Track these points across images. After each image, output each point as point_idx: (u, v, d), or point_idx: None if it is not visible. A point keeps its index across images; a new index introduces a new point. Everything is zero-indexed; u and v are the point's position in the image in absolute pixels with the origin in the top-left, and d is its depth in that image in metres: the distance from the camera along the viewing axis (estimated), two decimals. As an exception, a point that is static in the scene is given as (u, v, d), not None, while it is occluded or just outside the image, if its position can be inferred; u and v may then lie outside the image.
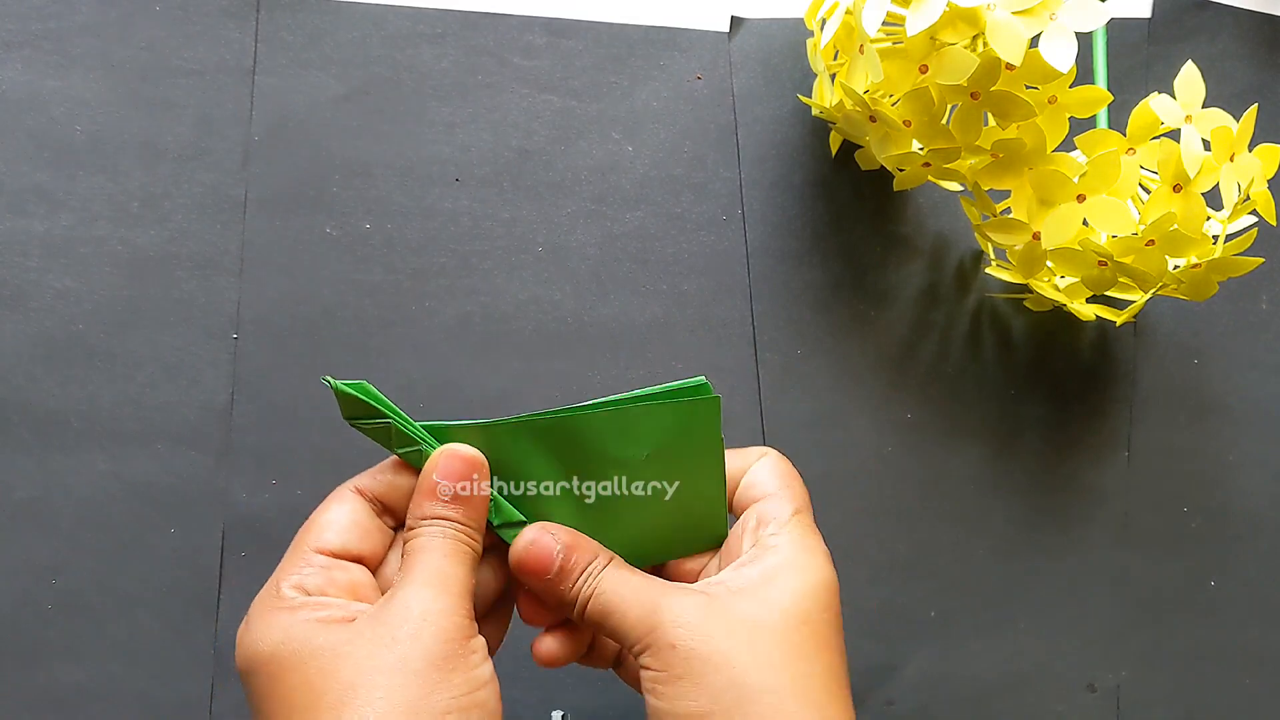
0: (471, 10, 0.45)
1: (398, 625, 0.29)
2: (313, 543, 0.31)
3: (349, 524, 0.31)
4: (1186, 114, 0.38)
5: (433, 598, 0.29)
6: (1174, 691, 0.45)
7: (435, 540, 0.31)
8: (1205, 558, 0.46)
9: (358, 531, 0.32)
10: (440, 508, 0.31)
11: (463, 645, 0.29)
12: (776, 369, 0.44)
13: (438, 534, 0.31)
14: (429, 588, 0.30)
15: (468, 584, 0.31)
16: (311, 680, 0.28)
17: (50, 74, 0.42)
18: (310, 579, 0.30)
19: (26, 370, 0.40)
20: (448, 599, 0.29)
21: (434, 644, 0.28)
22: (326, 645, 0.28)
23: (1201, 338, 0.47)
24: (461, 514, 0.31)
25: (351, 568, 0.31)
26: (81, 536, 0.40)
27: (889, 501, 0.44)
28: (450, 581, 0.30)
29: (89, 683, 0.39)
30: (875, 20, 0.37)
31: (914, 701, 0.43)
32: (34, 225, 0.41)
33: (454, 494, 0.31)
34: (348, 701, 0.27)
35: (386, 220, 0.43)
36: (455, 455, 0.31)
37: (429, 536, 0.31)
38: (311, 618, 0.29)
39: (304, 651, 0.29)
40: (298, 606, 0.30)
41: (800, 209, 0.46)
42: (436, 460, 0.31)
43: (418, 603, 0.29)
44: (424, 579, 0.30)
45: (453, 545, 0.31)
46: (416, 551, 0.31)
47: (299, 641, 0.29)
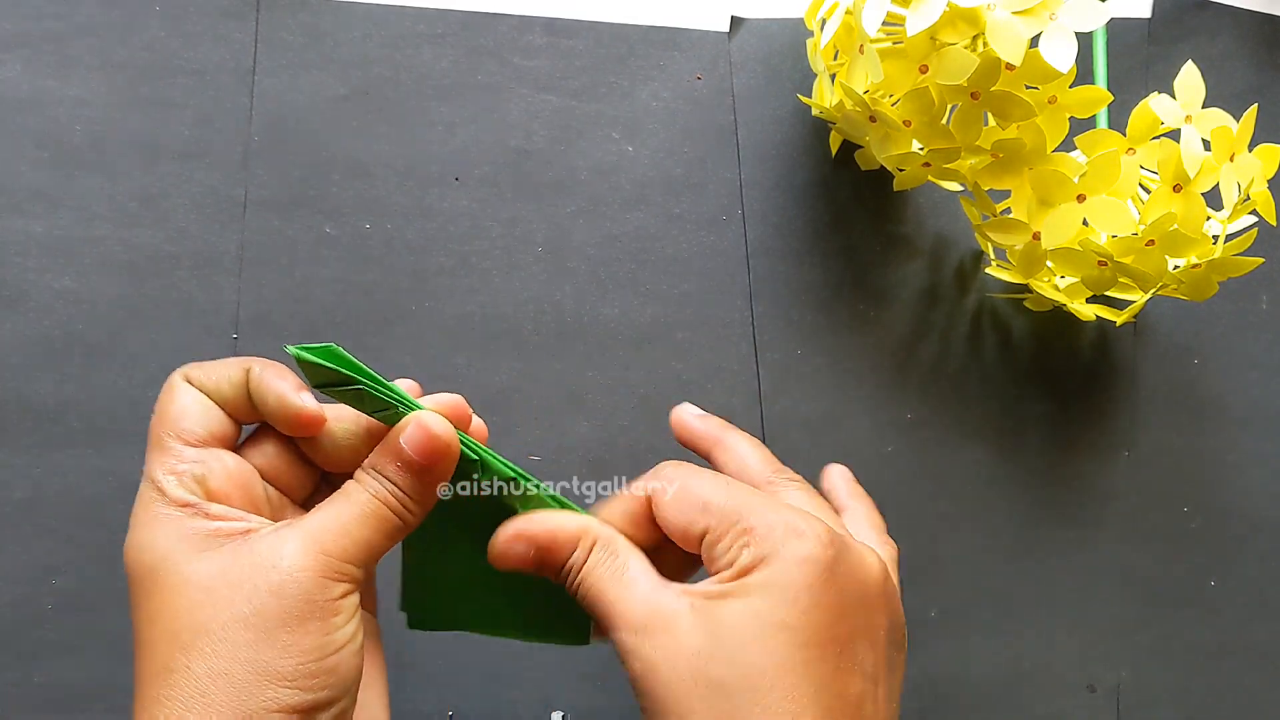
0: (471, 10, 0.45)
1: (263, 573, 0.27)
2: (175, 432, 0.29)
3: (206, 407, 0.30)
4: (1186, 114, 0.38)
5: (312, 552, 0.28)
6: (1174, 691, 0.45)
7: (364, 494, 0.29)
8: (1206, 557, 0.46)
9: (216, 416, 0.30)
10: (392, 469, 0.30)
11: (322, 606, 0.27)
12: (776, 369, 0.44)
13: (371, 489, 0.29)
14: (310, 541, 0.28)
15: (369, 550, 0.29)
16: (176, 609, 0.27)
17: (50, 74, 0.42)
18: (190, 471, 0.29)
19: (26, 370, 0.40)
20: (321, 557, 0.28)
21: (294, 603, 0.27)
22: (200, 571, 0.27)
23: (1201, 338, 0.47)
24: (409, 484, 0.30)
25: (224, 455, 0.30)
26: (81, 536, 0.40)
27: (889, 501, 0.44)
28: (340, 540, 0.28)
29: (89, 682, 0.39)
30: (875, 20, 0.37)
31: (914, 701, 0.43)
32: (34, 225, 0.41)
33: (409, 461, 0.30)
34: (199, 647, 0.27)
35: (386, 220, 0.43)
36: (427, 430, 0.30)
37: (361, 486, 0.30)
38: (195, 530, 0.28)
39: (178, 572, 0.28)
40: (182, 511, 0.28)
41: (800, 209, 0.46)
42: (406, 424, 0.30)
43: (290, 553, 0.28)
44: (319, 529, 0.28)
45: (377, 508, 0.29)
46: (340, 497, 0.29)
47: (175, 559, 0.28)
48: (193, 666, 0.26)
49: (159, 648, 0.27)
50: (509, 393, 0.43)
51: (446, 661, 0.41)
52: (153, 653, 0.27)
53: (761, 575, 0.29)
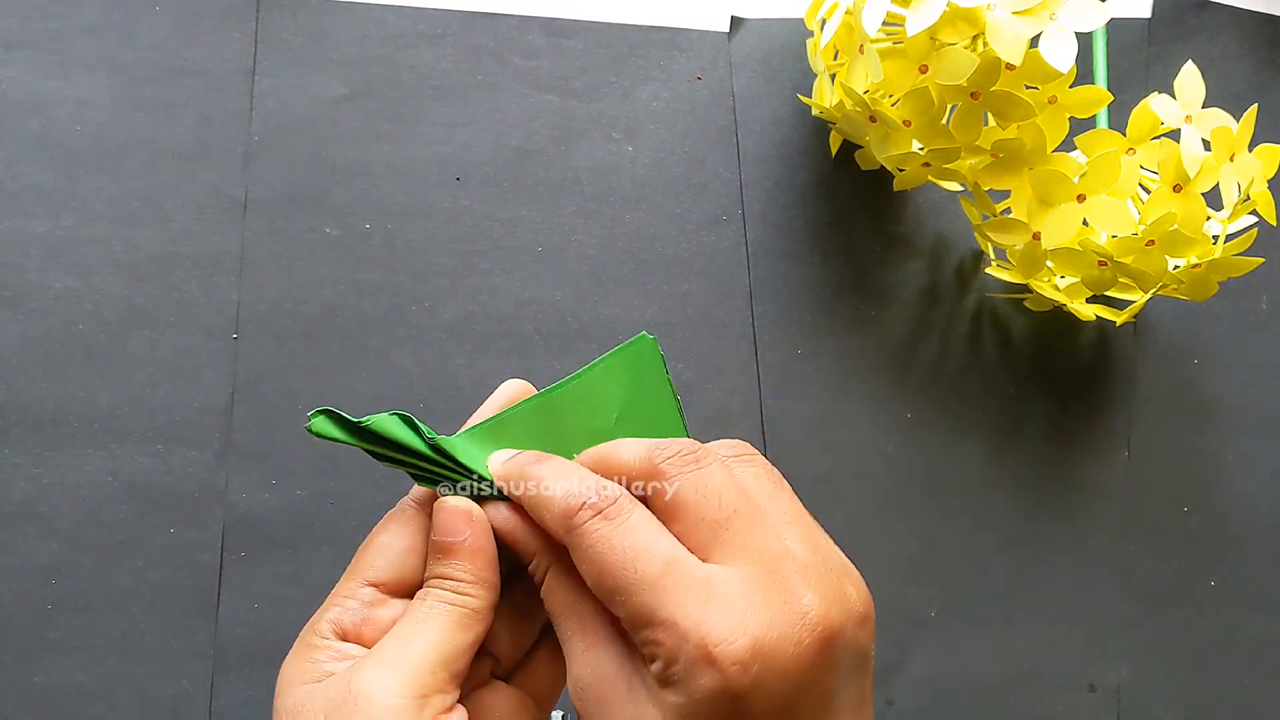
0: (471, 10, 0.45)
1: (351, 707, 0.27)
2: (364, 572, 0.30)
3: (402, 548, 0.30)
4: (1186, 114, 0.38)
5: (392, 680, 0.27)
6: (1174, 690, 0.45)
7: (420, 604, 0.29)
8: (1205, 556, 0.46)
9: (412, 556, 0.30)
10: (437, 565, 0.29)
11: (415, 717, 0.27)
12: (776, 369, 0.44)
13: (431, 597, 0.29)
14: (393, 668, 0.28)
15: (443, 651, 0.28)
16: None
17: (51, 75, 0.42)
18: (349, 616, 0.29)
19: (26, 370, 0.40)
20: (395, 677, 0.27)
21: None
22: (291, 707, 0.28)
23: (1201, 338, 0.47)
24: (455, 568, 0.29)
25: (399, 605, 0.30)
26: (81, 536, 0.40)
27: (889, 501, 0.45)
28: (410, 655, 0.28)
29: (89, 682, 0.39)
30: (875, 20, 0.37)
31: (915, 700, 0.43)
32: (35, 225, 0.41)
33: (450, 547, 0.29)
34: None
35: (386, 220, 0.43)
36: (441, 509, 0.30)
37: (421, 599, 0.29)
38: (321, 670, 0.28)
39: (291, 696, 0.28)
40: (320, 655, 0.29)
41: (800, 209, 0.46)
42: (434, 515, 0.30)
43: (361, 680, 0.27)
44: (392, 655, 0.28)
45: (433, 608, 0.29)
46: (406, 617, 0.29)
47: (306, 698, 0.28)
48: None
49: None
50: (509, 393, 0.43)
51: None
52: None
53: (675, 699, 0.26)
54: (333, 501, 0.41)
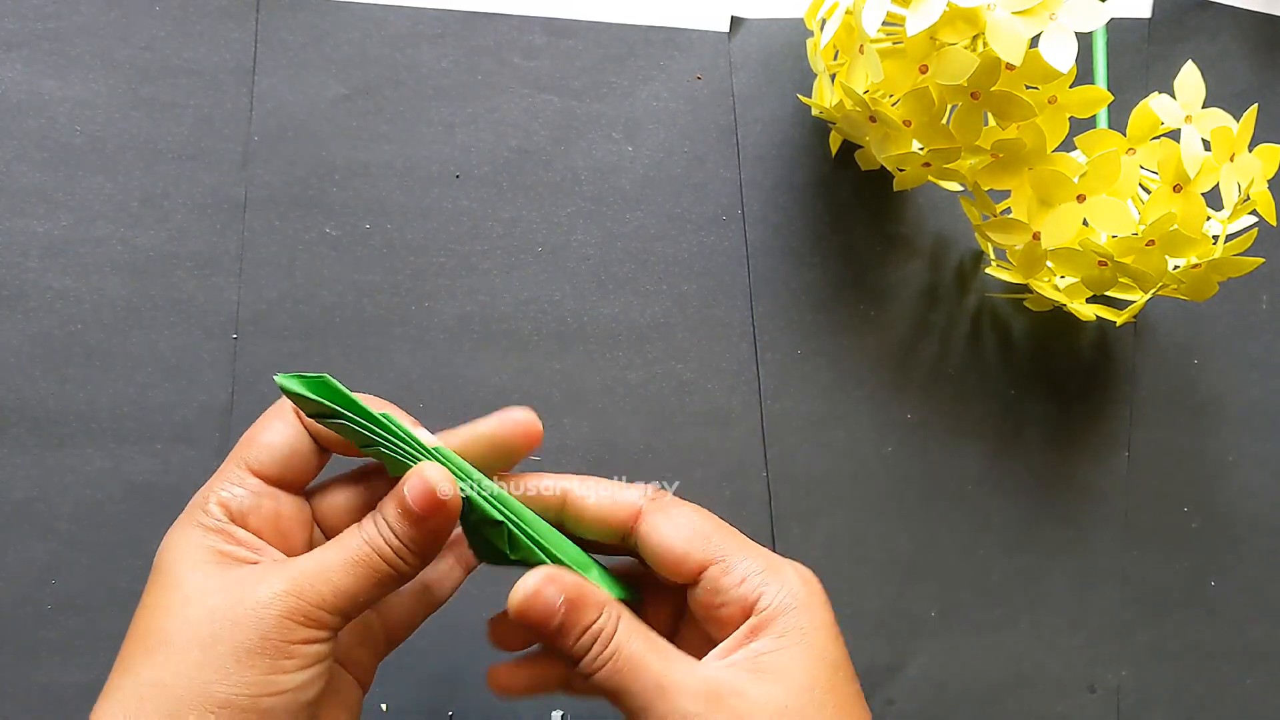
0: (471, 10, 0.45)
1: (238, 602, 0.28)
2: (248, 459, 0.31)
3: (290, 450, 0.31)
4: (1186, 114, 0.38)
5: (285, 594, 0.28)
6: (1174, 691, 0.45)
7: (356, 540, 0.29)
8: (1205, 557, 0.46)
9: (293, 457, 0.31)
10: (394, 516, 0.29)
11: (283, 647, 0.28)
12: (776, 369, 0.44)
13: (366, 534, 0.29)
14: (293, 581, 0.28)
15: (351, 597, 0.29)
16: (159, 610, 0.28)
17: (50, 74, 0.42)
18: (237, 502, 0.30)
19: (25, 370, 0.40)
20: (298, 600, 0.28)
21: (249, 637, 0.27)
22: (191, 584, 0.28)
23: (1201, 338, 0.47)
24: (406, 534, 0.29)
25: (281, 497, 0.31)
26: (80, 536, 0.40)
27: (889, 501, 0.44)
28: (322, 585, 0.28)
29: (89, 682, 0.39)
30: (875, 20, 0.37)
31: (915, 701, 0.43)
32: (34, 225, 0.41)
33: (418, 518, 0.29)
34: (153, 655, 0.28)
35: (386, 220, 0.43)
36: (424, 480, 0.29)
37: (357, 531, 0.30)
38: (210, 547, 0.29)
39: (177, 578, 0.29)
40: (211, 529, 0.29)
41: (800, 209, 0.46)
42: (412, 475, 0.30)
43: (267, 592, 0.28)
44: (301, 572, 0.29)
45: (367, 554, 0.29)
46: (333, 542, 0.30)
47: (182, 567, 0.29)
48: (141, 672, 0.28)
49: (132, 641, 0.29)
50: (509, 393, 0.43)
51: (446, 661, 0.41)
52: (128, 642, 0.29)
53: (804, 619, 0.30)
54: (332, 502, 0.41)
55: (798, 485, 0.44)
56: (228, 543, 0.30)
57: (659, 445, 0.43)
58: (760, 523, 0.43)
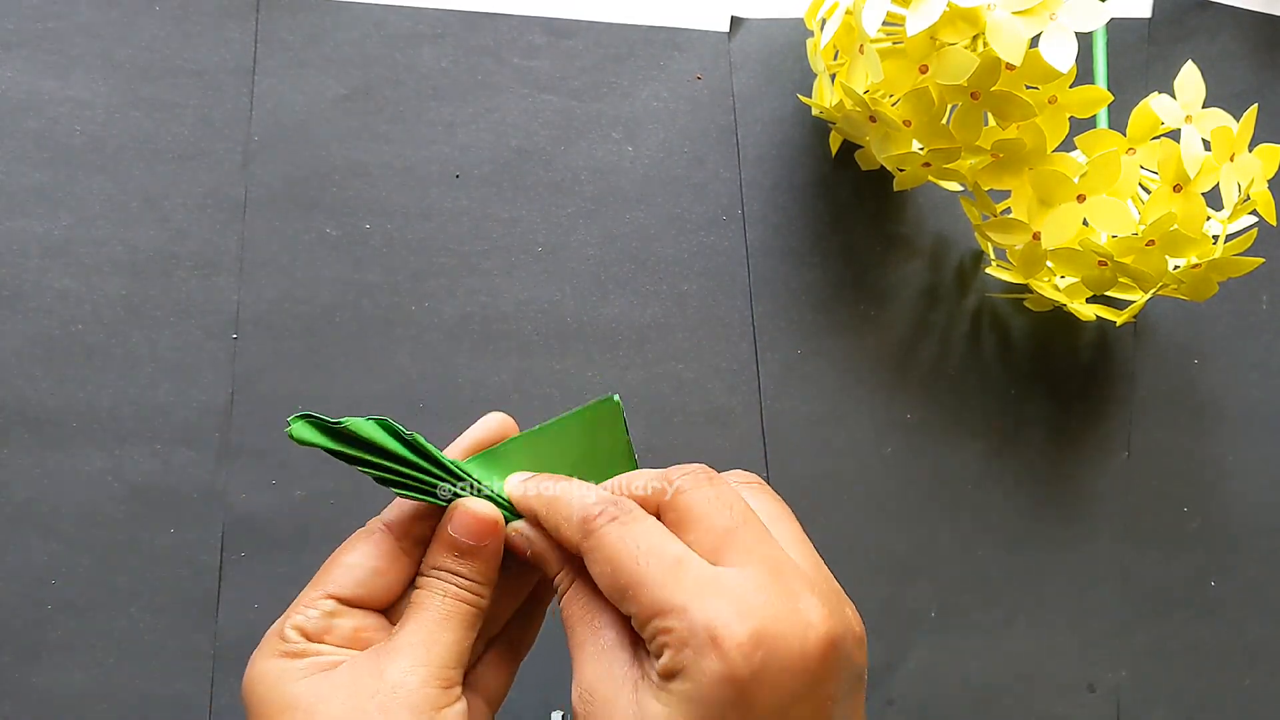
0: (471, 10, 0.45)
1: (371, 689, 0.29)
2: (326, 585, 0.31)
3: (368, 568, 0.31)
4: (1186, 114, 0.38)
5: (410, 667, 0.29)
6: (1174, 691, 0.45)
7: (435, 598, 0.31)
8: (1205, 557, 0.46)
9: (375, 577, 0.31)
10: (451, 561, 0.31)
11: (433, 715, 0.29)
12: (776, 369, 0.44)
13: (439, 590, 0.31)
14: (410, 655, 0.29)
15: (459, 647, 0.30)
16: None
17: (50, 74, 0.42)
18: (312, 624, 0.30)
19: (26, 370, 0.40)
20: (426, 669, 0.29)
21: (403, 714, 0.28)
22: (304, 695, 0.29)
23: (1201, 338, 0.47)
24: (470, 569, 0.31)
25: (357, 614, 0.31)
26: (81, 537, 0.40)
27: (889, 501, 0.45)
28: (436, 648, 0.30)
29: (89, 683, 0.39)
30: (875, 20, 0.37)
31: (914, 701, 0.43)
32: (34, 225, 0.41)
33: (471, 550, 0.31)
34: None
35: (386, 220, 0.43)
36: (469, 513, 0.31)
37: (430, 592, 0.31)
38: (303, 664, 0.30)
39: (286, 699, 0.29)
40: (293, 653, 0.30)
41: (800, 209, 0.46)
42: (452, 514, 0.31)
43: (394, 671, 0.29)
44: (408, 644, 0.30)
45: (452, 606, 0.30)
46: (414, 608, 0.31)
47: (285, 689, 0.29)
48: None
49: None
50: (509, 393, 0.43)
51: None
52: None
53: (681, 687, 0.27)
54: (333, 501, 0.41)
55: (798, 485, 0.44)
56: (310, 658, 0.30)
57: (659, 445, 0.43)
58: (760, 523, 0.43)
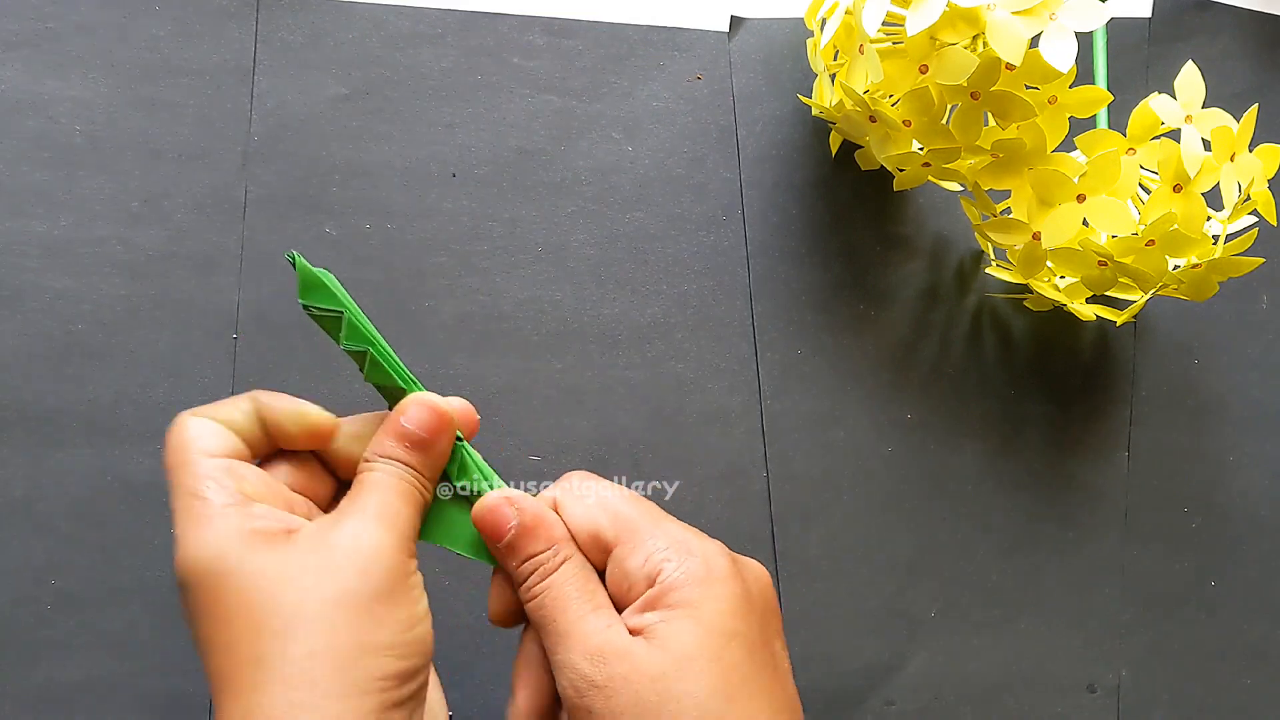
0: (471, 10, 0.45)
1: (344, 556, 0.29)
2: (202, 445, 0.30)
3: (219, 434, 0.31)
4: (1186, 114, 0.38)
5: (381, 533, 0.30)
6: (1174, 691, 0.45)
7: (390, 479, 0.31)
8: (1205, 557, 0.46)
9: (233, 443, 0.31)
10: (401, 450, 0.31)
11: (405, 581, 0.29)
12: (776, 369, 0.44)
13: (393, 473, 0.31)
14: (378, 522, 0.30)
15: (414, 525, 0.31)
16: (253, 604, 0.28)
17: (50, 74, 0.42)
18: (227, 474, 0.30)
19: (25, 370, 0.40)
20: (394, 535, 0.30)
21: (379, 579, 0.29)
22: (268, 566, 0.28)
23: (1201, 338, 0.47)
24: (419, 461, 0.32)
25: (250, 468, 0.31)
26: (80, 535, 0.40)
27: (889, 501, 0.44)
28: (398, 519, 0.30)
29: (87, 680, 0.39)
30: (875, 20, 0.37)
31: (914, 701, 0.43)
32: (33, 225, 0.41)
33: (417, 440, 0.32)
34: (292, 632, 0.27)
35: (386, 220, 0.43)
36: (427, 406, 0.32)
37: (384, 474, 0.31)
38: (247, 528, 0.29)
39: (244, 570, 0.28)
40: (229, 513, 0.29)
41: (800, 209, 0.46)
42: (406, 406, 0.32)
43: (367, 535, 0.29)
44: (374, 513, 0.30)
45: (405, 487, 0.31)
46: (369, 485, 0.31)
47: (237, 557, 0.28)
48: (289, 650, 0.27)
49: (242, 643, 0.27)
50: (509, 393, 0.43)
51: (446, 662, 0.41)
52: (233, 650, 0.28)
53: (698, 591, 0.30)
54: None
55: (798, 485, 0.44)
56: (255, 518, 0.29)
57: (659, 445, 0.43)
58: (760, 522, 0.43)
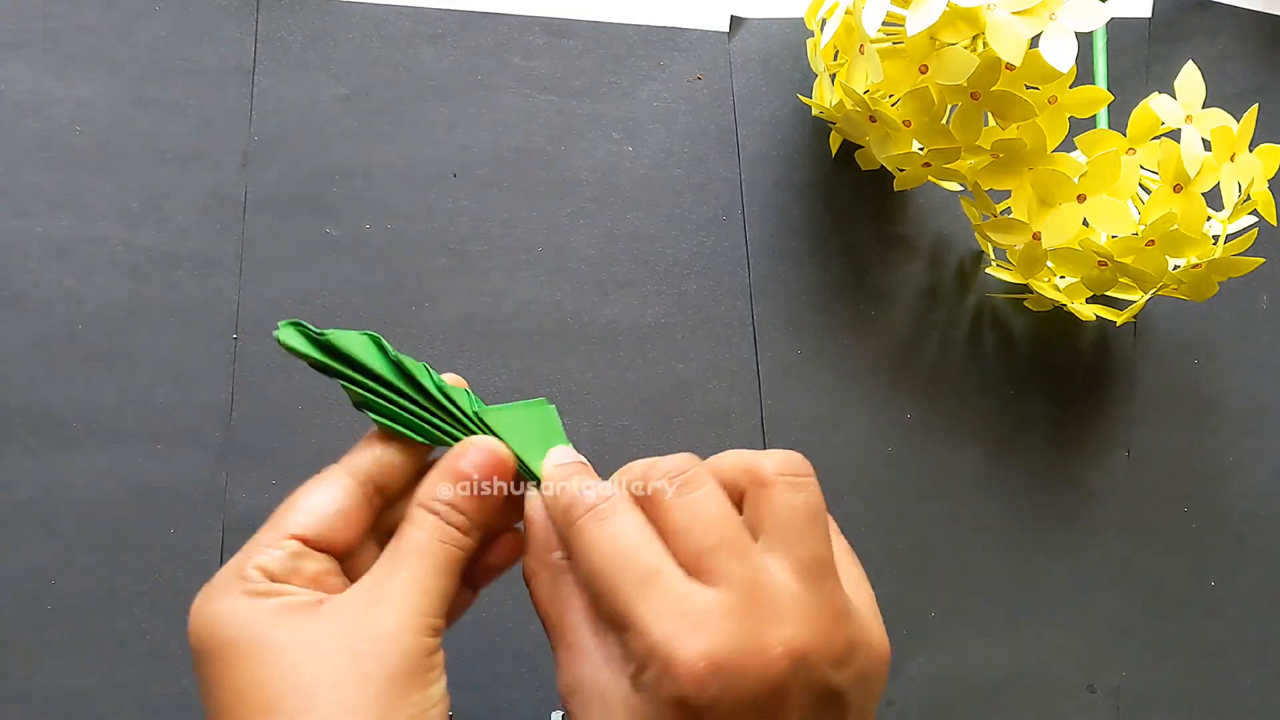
0: (471, 10, 0.45)
1: (365, 637, 0.28)
2: (290, 526, 0.29)
3: (333, 511, 0.30)
4: (1186, 114, 0.38)
5: (408, 614, 0.28)
6: (1174, 691, 0.45)
7: (427, 538, 0.29)
8: (1205, 557, 0.46)
9: (341, 520, 0.30)
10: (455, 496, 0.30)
11: (425, 662, 0.28)
12: (776, 369, 0.44)
13: (433, 528, 0.29)
14: (406, 601, 0.28)
15: (447, 595, 0.29)
16: (270, 678, 0.27)
17: (51, 74, 0.42)
18: (277, 564, 0.29)
19: (26, 371, 0.40)
20: (420, 618, 0.28)
21: (399, 663, 0.27)
22: (288, 641, 0.27)
23: (1201, 338, 0.47)
24: (472, 510, 0.30)
25: (320, 558, 0.30)
26: (81, 537, 0.40)
27: (889, 501, 0.45)
28: (428, 597, 0.29)
29: (89, 683, 0.39)
30: (875, 20, 0.37)
31: (914, 701, 0.43)
32: (35, 226, 0.41)
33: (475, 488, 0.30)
34: (306, 711, 0.26)
35: (386, 220, 0.43)
36: (487, 450, 0.30)
37: (422, 530, 0.29)
38: (274, 605, 0.28)
39: (264, 644, 0.27)
40: (262, 592, 0.28)
41: (800, 209, 0.46)
42: (466, 449, 0.30)
43: (392, 618, 0.28)
44: (404, 590, 0.28)
45: (442, 548, 0.29)
46: (403, 549, 0.29)
47: (259, 631, 0.27)
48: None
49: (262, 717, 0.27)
50: (509, 393, 0.43)
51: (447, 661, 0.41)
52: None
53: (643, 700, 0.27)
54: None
55: (798, 485, 0.44)
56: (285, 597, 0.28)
57: (659, 445, 0.43)
58: (760, 523, 0.43)
